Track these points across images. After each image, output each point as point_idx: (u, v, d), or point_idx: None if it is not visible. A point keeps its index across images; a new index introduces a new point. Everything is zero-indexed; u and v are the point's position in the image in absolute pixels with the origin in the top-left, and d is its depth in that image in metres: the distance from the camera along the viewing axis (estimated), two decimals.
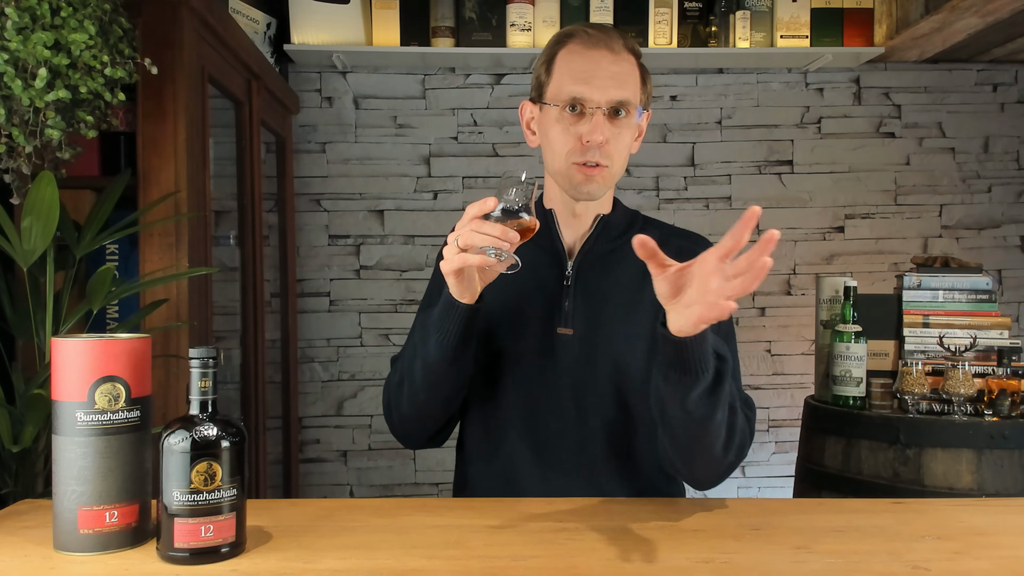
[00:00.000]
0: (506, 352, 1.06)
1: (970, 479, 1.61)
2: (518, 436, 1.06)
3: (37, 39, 1.10)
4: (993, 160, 2.53)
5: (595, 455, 1.05)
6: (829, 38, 2.31)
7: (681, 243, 1.11)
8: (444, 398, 1.04)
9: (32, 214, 1.18)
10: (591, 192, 1.04)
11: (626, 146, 1.05)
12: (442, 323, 0.97)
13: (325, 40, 2.23)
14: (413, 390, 1.02)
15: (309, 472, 2.44)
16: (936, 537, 0.84)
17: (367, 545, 0.81)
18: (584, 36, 1.03)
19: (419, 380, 1.01)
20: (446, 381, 1.01)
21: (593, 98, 1.01)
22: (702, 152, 2.50)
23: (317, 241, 2.44)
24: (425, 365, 1.00)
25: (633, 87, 1.03)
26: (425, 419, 1.07)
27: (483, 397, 1.09)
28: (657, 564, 0.76)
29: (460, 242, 0.87)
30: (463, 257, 0.88)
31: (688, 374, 0.88)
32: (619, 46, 1.03)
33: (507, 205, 0.89)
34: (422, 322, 1.03)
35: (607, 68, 1.01)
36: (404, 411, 1.06)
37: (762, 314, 2.51)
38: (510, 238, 0.87)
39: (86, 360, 0.78)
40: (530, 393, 1.06)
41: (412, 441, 1.11)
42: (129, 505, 0.80)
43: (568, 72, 1.02)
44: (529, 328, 1.06)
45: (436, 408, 1.05)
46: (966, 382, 1.68)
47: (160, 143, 1.41)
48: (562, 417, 1.05)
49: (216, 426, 0.76)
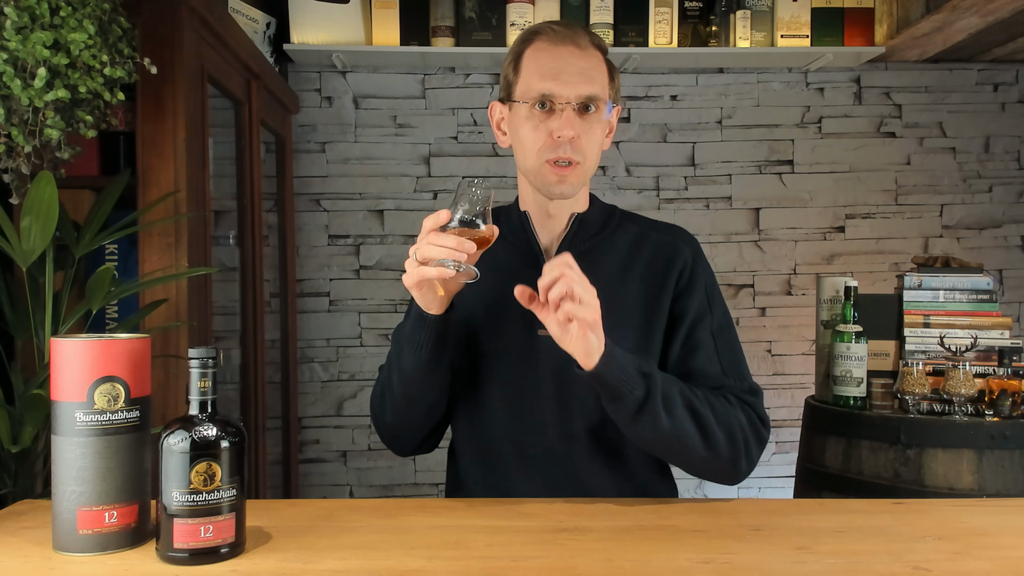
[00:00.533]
0: (488, 355, 1.06)
1: (971, 479, 1.61)
2: (504, 438, 1.06)
3: (36, 38, 1.10)
4: (994, 160, 2.53)
5: (581, 454, 1.05)
6: (830, 38, 2.30)
7: (661, 237, 1.11)
8: (424, 407, 1.05)
9: (31, 214, 1.17)
10: (564, 192, 1.04)
11: (597, 142, 1.04)
12: (414, 335, 0.98)
13: (325, 40, 2.23)
14: (393, 401, 1.04)
15: (309, 472, 2.44)
16: (937, 537, 0.84)
17: (367, 546, 0.81)
18: (550, 33, 1.03)
19: (397, 391, 1.03)
20: (424, 390, 1.03)
21: (562, 94, 1.00)
22: (702, 152, 2.50)
23: (317, 241, 2.44)
24: (401, 377, 1.01)
25: (601, 82, 1.03)
26: (409, 428, 1.08)
27: (468, 401, 1.09)
28: (657, 564, 0.76)
29: (418, 256, 0.89)
30: (421, 270, 0.89)
31: (617, 400, 0.93)
32: (585, 42, 1.03)
33: (464, 215, 0.90)
34: (396, 335, 1.04)
35: (575, 63, 1.01)
36: (388, 420, 1.07)
37: (763, 314, 2.51)
38: (466, 248, 0.87)
39: (85, 360, 0.78)
40: (514, 395, 1.06)
41: (401, 448, 1.12)
42: (128, 505, 0.79)
43: (536, 69, 1.02)
44: (510, 331, 1.06)
45: (417, 417, 1.06)
46: (967, 382, 1.68)
47: (159, 143, 1.41)
48: (546, 418, 1.05)
49: (215, 426, 0.76)
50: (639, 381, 0.93)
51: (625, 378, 0.92)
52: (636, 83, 2.48)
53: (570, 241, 1.09)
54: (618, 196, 2.47)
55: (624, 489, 1.06)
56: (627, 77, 2.47)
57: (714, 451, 0.98)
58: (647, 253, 1.09)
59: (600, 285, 1.06)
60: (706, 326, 1.07)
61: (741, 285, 2.50)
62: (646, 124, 2.49)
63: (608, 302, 1.04)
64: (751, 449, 1.01)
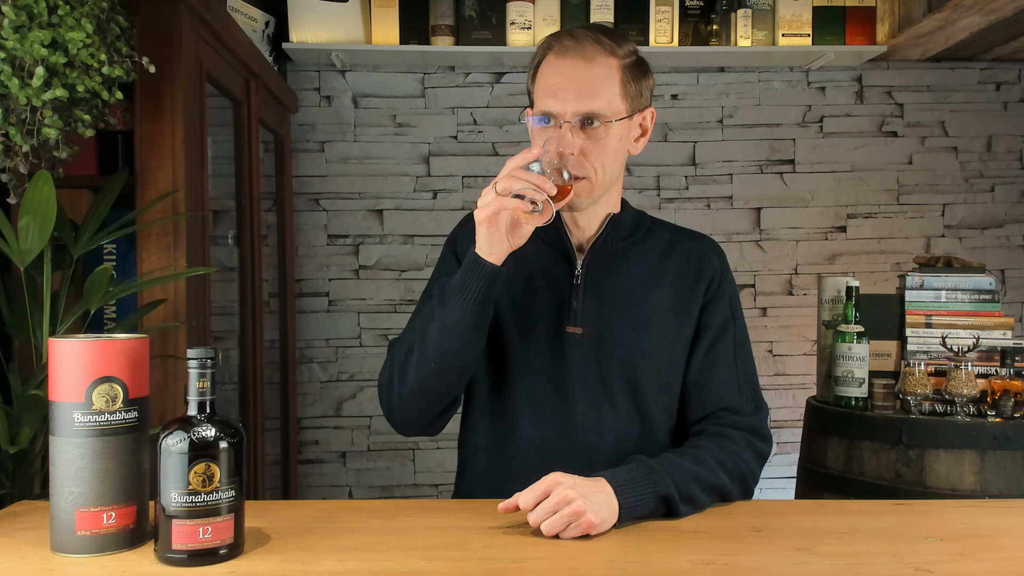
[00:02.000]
0: (515, 349, 1.06)
1: (973, 480, 1.61)
2: (526, 434, 1.06)
3: (34, 37, 1.09)
4: (996, 159, 2.52)
5: (604, 454, 1.05)
6: (831, 36, 2.30)
7: (690, 244, 1.13)
8: (459, 365, 1.00)
9: (29, 214, 1.17)
10: (573, 205, 1.04)
11: (611, 152, 1.02)
12: (465, 283, 0.95)
13: (324, 38, 2.23)
14: (424, 359, 0.99)
15: (308, 473, 2.44)
16: (939, 539, 0.84)
17: (366, 547, 0.81)
18: (559, 47, 1.02)
19: (433, 347, 0.98)
20: (463, 346, 0.98)
21: (560, 111, 1.00)
22: (703, 151, 2.49)
23: (316, 241, 2.43)
24: (443, 328, 0.97)
25: (607, 95, 1.00)
26: (432, 392, 1.02)
27: (490, 394, 1.08)
28: (658, 566, 0.76)
29: (499, 187, 0.89)
30: (500, 200, 0.89)
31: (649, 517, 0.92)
32: (593, 51, 1.00)
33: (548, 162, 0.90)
34: (439, 288, 1.00)
35: (576, 79, 1.00)
36: (409, 386, 1.01)
37: (764, 314, 2.51)
38: (548, 188, 0.87)
39: (83, 360, 0.78)
40: (538, 391, 1.06)
41: (412, 423, 1.06)
42: (127, 506, 0.79)
43: (543, 85, 1.03)
44: (538, 326, 1.06)
45: (447, 379, 1.01)
46: (969, 383, 1.67)
47: (158, 142, 1.40)
48: (570, 416, 1.05)
49: (214, 427, 0.76)
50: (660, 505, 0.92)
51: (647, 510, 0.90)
52: None
53: (604, 240, 1.09)
54: None
55: None
56: None
57: (729, 500, 1.00)
58: (678, 260, 1.10)
59: (631, 288, 1.07)
60: (729, 339, 1.08)
61: (742, 285, 2.49)
62: None
63: (639, 306, 1.06)
64: (756, 477, 1.03)
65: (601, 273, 1.08)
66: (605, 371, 1.05)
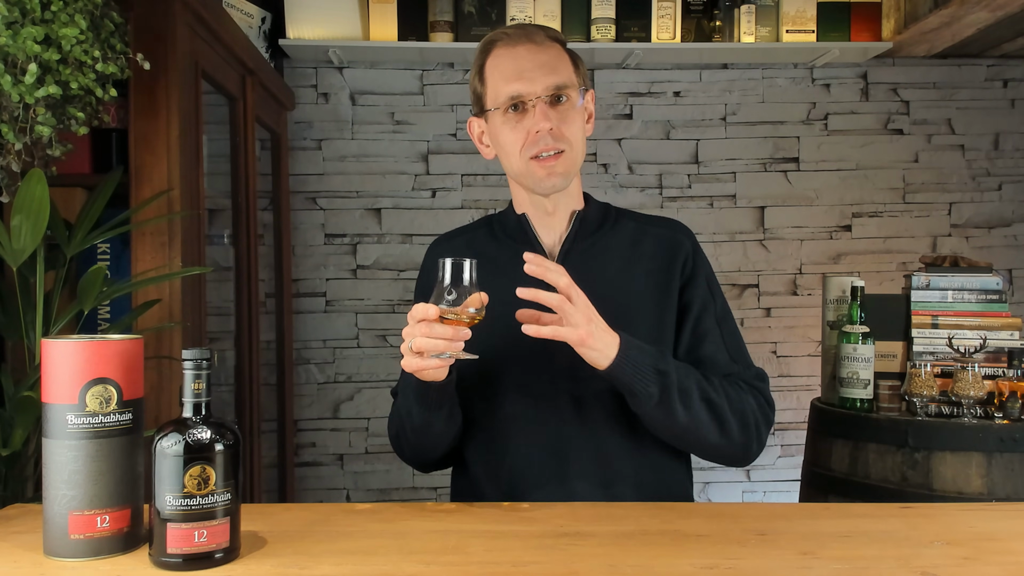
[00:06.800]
0: (500, 358, 1.07)
1: (980, 483, 1.59)
2: (521, 439, 1.07)
3: (27, 34, 1.08)
4: (1003, 157, 2.50)
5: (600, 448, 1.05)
6: (836, 33, 2.28)
7: (659, 231, 1.15)
8: (444, 444, 1.09)
9: (22, 212, 1.16)
10: (555, 184, 1.07)
11: (579, 128, 1.07)
12: (420, 397, 1.01)
13: (321, 35, 2.22)
14: (409, 443, 1.09)
15: (305, 476, 2.42)
16: (945, 542, 0.83)
17: (364, 550, 0.80)
18: (504, 38, 1.07)
19: (411, 437, 1.07)
20: (438, 435, 1.06)
21: (530, 91, 1.04)
22: (706, 149, 2.47)
23: (313, 240, 2.42)
24: (413, 427, 1.05)
25: (566, 71, 1.06)
26: (430, 455, 1.12)
27: (482, 405, 1.09)
28: (660, 570, 0.75)
29: (413, 347, 0.91)
30: (420, 363, 0.91)
31: (632, 396, 0.98)
32: (541, 37, 1.06)
33: (453, 295, 0.90)
34: (403, 388, 1.07)
35: (535, 59, 1.05)
36: (408, 456, 1.13)
37: (768, 315, 2.49)
38: (462, 336, 0.89)
39: (77, 362, 0.77)
40: (528, 395, 1.07)
41: (424, 468, 1.16)
42: (121, 510, 0.79)
43: (500, 75, 1.06)
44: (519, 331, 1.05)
45: (437, 452, 1.10)
46: (976, 384, 1.66)
47: (152, 140, 1.40)
48: (563, 415, 1.06)
49: (210, 429, 0.76)
50: (653, 379, 0.96)
51: (640, 377, 0.95)
52: (639, 79, 2.45)
53: (573, 239, 1.11)
54: (620, 194, 2.45)
55: (643, 476, 1.07)
56: (629, 73, 2.45)
57: (728, 437, 1.02)
58: (649, 247, 1.12)
59: (606, 281, 1.09)
60: (711, 314, 1.11)
61: (746, 285, 2.48)
62: (649, 121, 2.46)
63: (617, 297, 1.08)
64: (761, 433, 1.06)
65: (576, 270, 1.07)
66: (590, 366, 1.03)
